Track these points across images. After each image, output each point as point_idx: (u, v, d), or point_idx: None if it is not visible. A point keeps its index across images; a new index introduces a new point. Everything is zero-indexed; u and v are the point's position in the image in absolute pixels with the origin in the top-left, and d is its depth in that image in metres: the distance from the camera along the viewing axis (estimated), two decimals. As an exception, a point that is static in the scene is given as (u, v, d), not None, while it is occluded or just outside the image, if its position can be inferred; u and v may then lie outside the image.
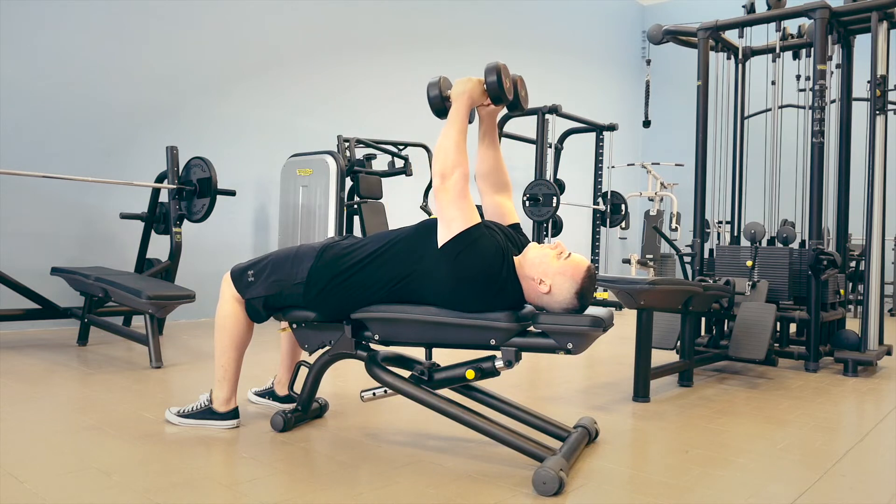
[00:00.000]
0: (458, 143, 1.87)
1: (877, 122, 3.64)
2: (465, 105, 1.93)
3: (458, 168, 1.84)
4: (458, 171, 1.83)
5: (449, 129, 1.89)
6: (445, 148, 1.86)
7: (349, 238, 2.13)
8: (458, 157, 1.85)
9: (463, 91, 1.93)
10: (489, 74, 1.96)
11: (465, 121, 1.92)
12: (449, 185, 1.83)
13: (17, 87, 4.11)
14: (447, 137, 1.88)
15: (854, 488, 1.85)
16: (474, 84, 1.95)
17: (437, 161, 1.86)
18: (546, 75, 8.22)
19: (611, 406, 2.69)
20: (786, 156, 4.31)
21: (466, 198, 1.84)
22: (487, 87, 1.96)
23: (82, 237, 4.43)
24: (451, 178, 1.83)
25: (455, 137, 1.87)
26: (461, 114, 1.92)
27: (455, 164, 1.84)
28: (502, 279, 1.85)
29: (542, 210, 6.04)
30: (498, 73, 1.95)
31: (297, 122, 5.61)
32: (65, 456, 1.88)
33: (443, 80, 1.99)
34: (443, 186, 1.84)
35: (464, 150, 1.87)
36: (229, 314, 2.12)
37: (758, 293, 3.60)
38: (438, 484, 1.74)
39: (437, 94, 1.97)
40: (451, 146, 1.86)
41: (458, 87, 1.95)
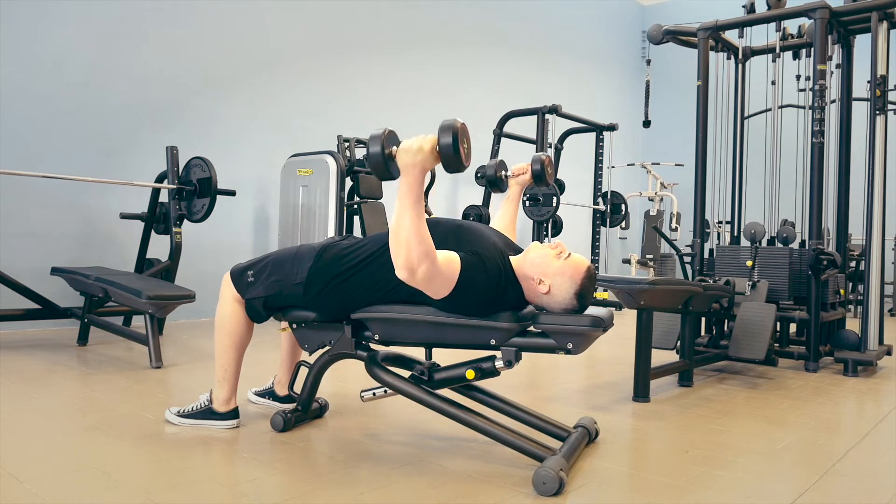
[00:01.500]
0: (418, 228, 1.63)
1: (877, 122, 3.64)
2: (418, 179, 1.64)
3: (424, 261, 1.66)
4: (423, 265, 1.67)
5: (404, 214, 1.63)
6: (405, 239, 1.64)
7: (349, 238, 2.13)
8: (420, 247, 1.65)
9: (414, 163, 1.63)
10: (444, 135, 1.62)
11: (420, 198, 1.65)
12: (418, 278, 1.69)
13: (17, 87, 4.11)
14: (403, 227, 1.64)
15: (854, 488, 1.85)
16: (426, 155, 1.63)
17: (399, 255, 1.67)
18: (546, 75, 8.23)
19: (611, 406, 2.69)
20: (786, 156, 4.31)
21: (438, 269, 1.71)
22: (441, 152, 1.63)
23: (82, 237, 4.43)
24: (419, 272, 1.68)
25: (412, 223, 1.63)
26: (415, 191, 1.64)
27: (420, 257, 1.65)
28: (502, 286, 1.85)
29: (542, 210, 6.04)
30: (455, 137, 1.61)
31: (297, 122, 5.61)
32: (65, 456, 1.88)
33: (387, 134, 1.68)
34: (413, 280, 1.70)
35: (425, 233, 1.65)
36: (229, 314, 2.12)
37: (758, 293, 3.60)
38: (438, 484, 1.74)
39: (378, 152, 1.65)
40: (412, 236, 1.63)
41: (406, 156, 1.63)
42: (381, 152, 1.64)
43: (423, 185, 1.67)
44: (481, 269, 1.81)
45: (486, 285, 1.82)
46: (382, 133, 1.66)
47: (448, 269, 1.75)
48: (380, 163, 1.65)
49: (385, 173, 1.67)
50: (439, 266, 1.72)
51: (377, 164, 1.65)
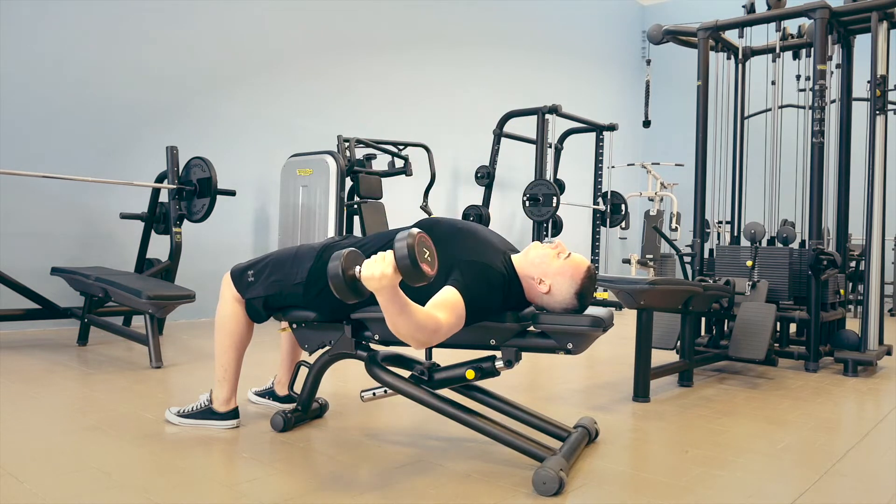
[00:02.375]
0: (414, 325, 1.60)
1: (877, 122, 3.64)
2: (391, 294, 1.55)
3: (433, 336, 1.65)
4: (435, 338, 1.67)
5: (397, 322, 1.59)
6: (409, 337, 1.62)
7: (349, 238, 2.13)
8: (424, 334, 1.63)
9: (381, 287, 1.53)
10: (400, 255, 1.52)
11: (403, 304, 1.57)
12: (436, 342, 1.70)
13: (17, 87, 4.11)
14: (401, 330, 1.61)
15: (854, 488, 1.85)
16: (390, 277, 1.52)
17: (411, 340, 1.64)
18: (546, 75, 8.23)
19: (611, 406, 2.69)
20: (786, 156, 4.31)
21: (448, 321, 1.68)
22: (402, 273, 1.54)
23: (82, 237, 4.43)
24: (434, 341, 1.69)
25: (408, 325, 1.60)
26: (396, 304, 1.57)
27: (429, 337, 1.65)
28: (506, 291, 1.85)
29: (542, 210, 6.04)
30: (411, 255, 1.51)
31: (297, 122, 5.61)
32: (65, 456, 1.88)
33: (349, 255, 1.57)
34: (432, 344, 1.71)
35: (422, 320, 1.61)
36: (229, 314, 2.12)
37: (758, 293, 3.60)
38: (438, 484, 1.74)
39: (338, 275, 1.54)
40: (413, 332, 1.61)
41: (371, 282, 1.53)
42: (341, 275, 1.54)
43: (398, 293, 1.57)
44: (483, 282, 1.79)
45: (491, 296, 1.82)
46: (342, 254, 1.56)
47: (454, 312, 1.70)
48: (341, 285, 1.55)
49: (349, 295, 1.56)
50: (448, 321, 1.67)
51: (338, 286, 1.55)
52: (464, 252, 1.85)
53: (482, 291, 1.78)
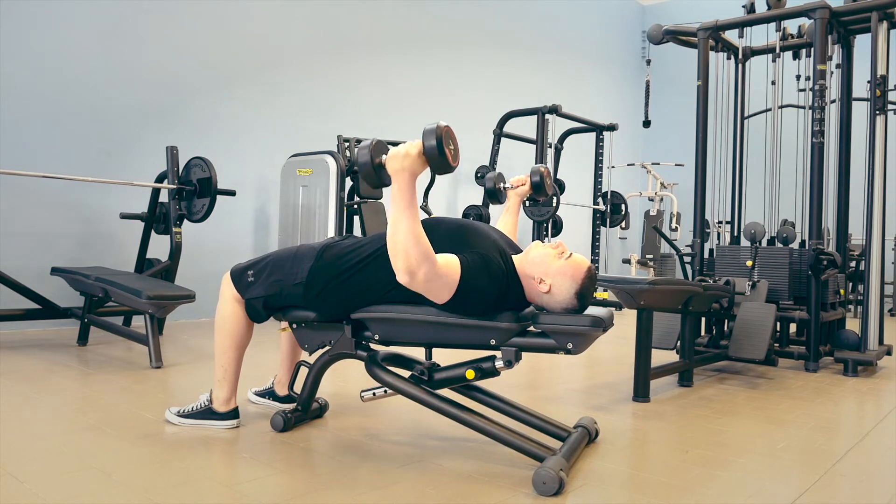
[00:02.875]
0: (414, 230, 1.66)
1: (877, 122, 3.64)
2: (408, 183, 1.68)
3: (424, 264, 1.68)
4: (423, 267, 1.69)
5: (400, 218, 1.67)
6: (403, 242, 1.67)
7: (349, 238, 2.13)
8: (418, 249, 1.67)
9: (402, 168, 1.66)
10: (428, 139, 1.65)
11: (413, 200, 1.69)
12: (419, 281, 1.71)
13: (17, 87, 4.11)
14: (399, 231, 1.67)
15: (854, 488, 1.85)
16: (413, 159, 1.66)
17: (398, 258, 1.68)
18: (546, 75, 8.22)
19: (611, 406, 2.69)
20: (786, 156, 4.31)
21: (439, 272, 1.72)
22: (426, 155, 1.66)
23: (82, 237, 4.43)
24: (419, 275, 1.69)
25: (409, 226, 1.66)
26: (408, 196, 1.68)
27: (419, 259, 1.67)
28: (505, 288, 1.85)
29: (542, 210, 6.04)
30: (439, 140, 1.64)
31: (297, 122, 5.61)
32: (65, 456, 1.88)
33: (375, 144, 1.71)
34: (413, 283, 1.71)
35: (421, 235, 1.67)
36: (229, 314, 2.12)
37: (758, 293, 3.60)
38: (438, 484, 1.74)
39: (367, 162, 1.69)
40: (409, 239, 1.66)
41: (394, 162, 1.67)
42: (370, 162, 1.69)
43: (414, 189, 1.69)
44: (483, 270, 1.81)
45: (488, 287, 1.82)
46: (370, 143, 1.70)
47: (448, 272, 1.75)
48: (370, 172, 1.70)
49: (375, 181, 1.71)
50: (439, 269, 1.73)
51: (367, 173, 1.70)
52: (467, 245, 1.86)
53: (481, 279, 1.80)
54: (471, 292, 1.79)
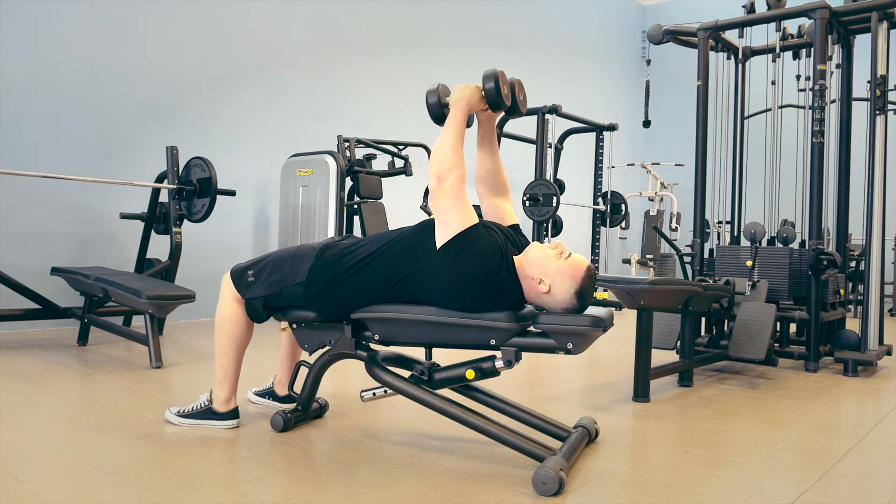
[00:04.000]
0: (455, 146, 1.87)
1: (877, 122, 3.64)
2: (462, 111, 1.93)
3: (455, 170, 1.84)
4: (454, 173, 1.83)
5: (446, 133, 1.90)
6: (442, 150, 1.87)
7: (349, 238, 2.13)
8: (454, 159, 1.85)
9: (461, 97, 1.94)
10: (487, 81, 1.96)
11: (462, 125, 1.93)
12: (446, 186, 1.83)
13: (17, 87, 4.11)
14: (444, 140, 1.88)
15: (854, 488, 1.85)
16: (472, 90, 1.95)
17: (434, 163, 1.86)
18: (546, 75, 8.22)
19: (611, 406, 2.69)
20: (786, 156, 4.31)
21: (463, 199, 1.84)
22: (485, 94, 1.96)
23: (82, 237, 4.43)
24: (448, 179, 1.83)
25: (452, 140, 1.88)
26: (459, 119, 1.92)
27: (452, 166, 1.84)
28: (502, 279, 1.85)
29: (542, 210, 6.04)
30: (496, 80, 1.95)
31: (297, 122, 5.61)
32: (65, 456, 1.88)
33: (441, 87, 1.99)
34: (440, 188, 1.83)
35: (461, 152, 1.87)
36: (229, 314, 2.12)
37: (758, 293, 3.60)
38: (438, 484, 1.74)
39: (435, 101, 1.98)
40: (448, 148, 1.86)
41: (455, 93, 1.95)
42: (437, 102, 1.97)
43: (465, 118, 1.94)
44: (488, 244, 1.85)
45: (484, 265, 1.82)
46: (437, 87, 1.98)
47: (466, 208, 1.85)
48: (437, 111, 1.98)
49: (442, 118, 1.98)
50: (463, 193, 1.85)
51: (435, 112, 1.98)
52: None
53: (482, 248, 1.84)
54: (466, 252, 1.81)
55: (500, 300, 1.86)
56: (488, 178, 2.14)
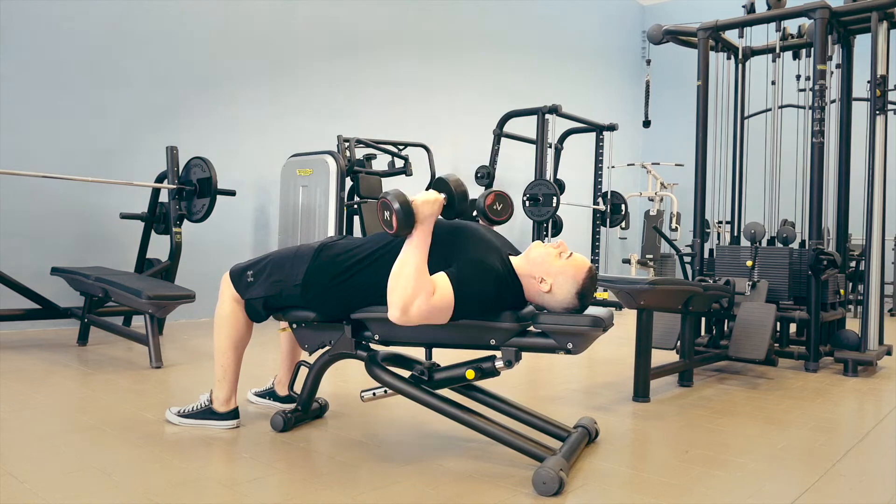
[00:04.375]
0: (420, 268, 1.75)
1: (877, 122, 3.64)
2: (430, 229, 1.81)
3: (419, 296, 1.73)
4: (419, 299, 1.72)
5: (413, 255, 1.76)
6: (406, 276, 1.73)
7: (348, 238, 2.13)
8: (418, 284, 1.73)
9: (431, 213, 1.80)
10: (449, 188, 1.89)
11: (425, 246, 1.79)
12: (412, 315, 1.74)
13: (17, 87, 4.11)
14: (408, 264, 1.75)
15: (854, 488, 1.85)
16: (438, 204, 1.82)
17: (395, 291, 1.74)
18: (546, 75, 8.22)
19: (611, 406, 2.69)
20: (786, 156, 4.31)
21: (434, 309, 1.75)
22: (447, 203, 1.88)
23: (82, 237, 4.43)
24: (412, 308, 1.73)
25: (418, 263, 1.75)
26: (427, 238, 1.80)
27: (415, 292, 1.72)
28: (503, 290, 1.85)
29: (542, 210, 6.04)
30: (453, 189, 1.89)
31: (297, 122, 5.61)
32: (65, 456, 1.88)
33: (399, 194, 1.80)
34: (405, 318, 1.74)
35: (425, 272, 1.76)
36: (228, 314, 2.12)
37: (758, 293, 3.60)
38: (438, 484, 1.74)
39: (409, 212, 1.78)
40: (412, 274, 1.73)
41: (424, 208, 1.79)
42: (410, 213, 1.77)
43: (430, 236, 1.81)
44: (476, 276, 1.81)
45: (483, 291, 1.82)
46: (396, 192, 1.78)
47: (442, 301, 1.76)
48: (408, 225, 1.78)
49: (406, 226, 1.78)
50: (432, 301, 1.74)
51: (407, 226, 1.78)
52: (462, 251, 1.86)
53: (474, 285, 1.80)
54: (467, 301, 1.80)
55: (499, 303, 1.86)
56: None
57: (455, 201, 1.89)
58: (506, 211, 2.17)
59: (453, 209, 1.90)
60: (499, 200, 2.16)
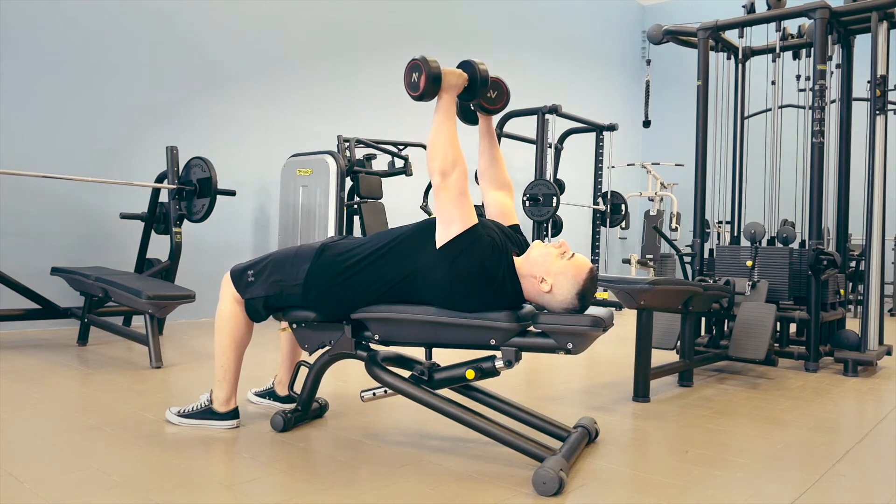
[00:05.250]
0: (454, 138, 1.85)
1: (877, 122, 3.64)
2: (453, 99, 1.94)
3: (458, 165, 1.82)
4: (458, 169, 1.82)
5: (443, 124, 1.87)
6: (443, 143, 1.84)
7: (348, 238, 2.13)
8: (455, 152, 1.83)
9: (454, 84, 1.95)
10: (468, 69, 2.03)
11: (455, 115, 1.92)
12: (450, 182, 1.81)
13: (17, 87, 4.11)
14: (442, 133, 1.86)
15: (854, 488, 1.85)
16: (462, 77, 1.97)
17: (436, 158, 1.83)
18: (546, 75, 8.22)
19: (611, 406, 2.69)
20: (786, 156, 4.31)
21: (466, 195, 1.83)
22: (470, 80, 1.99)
23: (82, 237, 4.43)
24: (452, 175, 1.81)
25: (450, 133, 1.86)
26: (453, 108, 1.92)
27: (455, 160, 1.82)
28: (500, 279, 1.85)
29: (542, 210, 6.04)
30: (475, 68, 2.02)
31: (297, 122, 5.61)
32: (65, 456, 1.88)
33: (432, 61, 1.98)
34: (444, 185, 1.81)
35: (458, 145, 1.86)
36: (229, 314, 2.12)
37: (758, 293, 3.60)
38: (438, 484, 1.74)
39: (436, 76, 1.95)
40: (448, 142, 1.84)
41: (449, 78, 1.94)
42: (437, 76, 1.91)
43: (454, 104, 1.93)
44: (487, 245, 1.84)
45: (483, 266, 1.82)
46: (428, 59, 1.94)
47: (468, 206, 1.82)
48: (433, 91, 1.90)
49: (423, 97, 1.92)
50: (466, 189, 1.83)
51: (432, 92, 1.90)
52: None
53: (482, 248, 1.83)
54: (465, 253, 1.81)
55: (498, 300, 1.86)
56: (489, 169, 2.20)
57: (477, 84, 1.94)
58: (500, 98, 2.16)
59: (475, 91, 1.95)
60: (493, 87, 2.14)
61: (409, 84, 1.92)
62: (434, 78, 1.85)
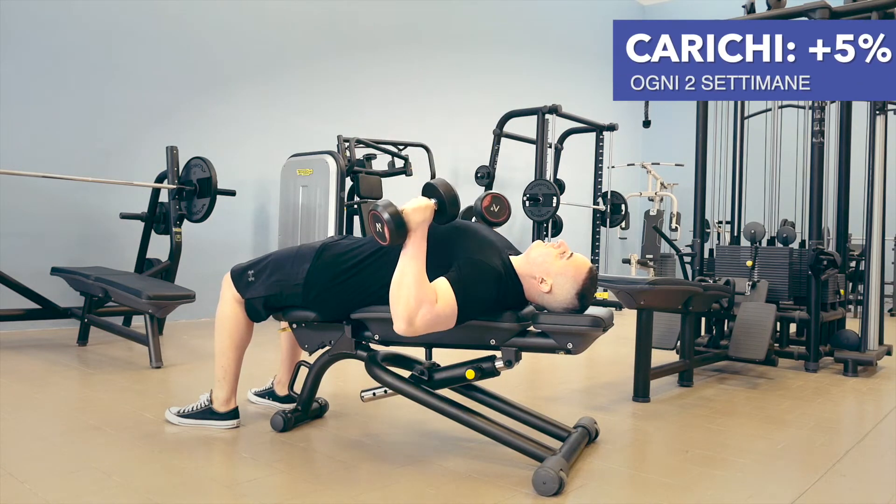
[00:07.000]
0: (419, 276, 1.72)
1: (877, 122, 3.64)
2: (423, 233, 1.78)
3: (422, 306, 1.71)
4: (423, 307, 1.71)
5: (411, 264, 1.73)
6: (407, 286, 1.71)
7: (348, 238, 2.13)
8: (419, 293, 1.71)
9: (424, 220, 1.77)
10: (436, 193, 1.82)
11: (421, 252, 1.77)
12: (417, 326, 1.72)
13: (17, 87, 4.11)
14: (406, 274, 1.72)
15: (854, 488, 1.85)
16: (430, 210, 1.79)
17: (398, 303, 1.71)
18: (546, 75, 8.22)
19: (611, 406, 2.69)
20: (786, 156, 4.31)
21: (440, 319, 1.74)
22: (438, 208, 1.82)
23: (82, 237, 4.43)
24: (417, 320, 1.71)
25: (415, 273, 1.72)
26: (422, 245, 1.77)
27: (420, 300, 1.70)
28: (503, 289, 1.85)
29: (542, 210, 6.04)
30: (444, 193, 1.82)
31: (297, 122, 5.61)
32: (65, 456, 1.88)
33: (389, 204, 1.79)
34: (411, 329, 1.72)
35: (425, 281, 1.73)
36: (229, 314, 2.12)
37: (758, 293, 3.60)
38: (438, 484, 1.74)
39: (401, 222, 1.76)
40: (413, 283, 1.71)
41: (416, 215, 1.76)
42: (401, 223, 1.75)
43: (425, 240, 1.78)
44: (477, 277, 1.80)
45: (486, 291, 1.82)
46: (388, 204, 1.76)
47: (445, 308, 1.74)
48: (400, 236, 1.76)
49: (400, 236, 1.76)
50: (436, 309, 1.72)
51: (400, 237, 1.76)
52: (462, 251, 1.85)
53: (477, 288, 1.79)
54: (470, 304, 1.79)
55: (501, 303, 1.86)
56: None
57: (446, 206, 1.81)
58: (503, 212, 2.15)
59: (445, 214, 1.82)
60: (496, 202, 2.13)
61: (375, 234, 1.79)
62: (397, 224, 1.73)
